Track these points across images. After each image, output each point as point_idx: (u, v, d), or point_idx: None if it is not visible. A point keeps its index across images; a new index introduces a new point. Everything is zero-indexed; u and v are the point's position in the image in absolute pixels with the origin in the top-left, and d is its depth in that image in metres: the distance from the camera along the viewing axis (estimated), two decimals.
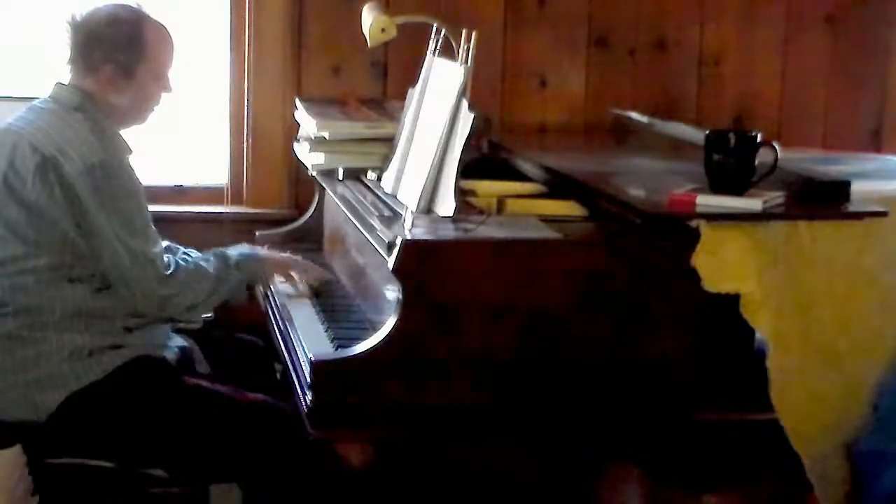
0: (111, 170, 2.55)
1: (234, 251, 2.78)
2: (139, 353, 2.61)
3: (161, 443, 2.57)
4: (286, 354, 2.56)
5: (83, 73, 2.67)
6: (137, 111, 2.72)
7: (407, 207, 2.55)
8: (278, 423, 2.55)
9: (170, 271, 2.61)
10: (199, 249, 2.86)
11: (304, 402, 2.29)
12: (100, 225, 2.54)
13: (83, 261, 2.58)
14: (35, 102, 2.70)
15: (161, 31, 2.71)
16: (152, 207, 2.71)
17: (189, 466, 2.60)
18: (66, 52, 2.68)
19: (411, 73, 2.93)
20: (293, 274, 2.88)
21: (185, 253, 2.91)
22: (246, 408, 2.58)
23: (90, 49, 2.65)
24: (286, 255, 2.94)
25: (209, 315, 2.83)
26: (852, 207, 2.47)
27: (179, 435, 2.56)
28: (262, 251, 2.90)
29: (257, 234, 3.32)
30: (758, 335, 2.38)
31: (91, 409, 2.54)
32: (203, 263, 2.69)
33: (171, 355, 2.70)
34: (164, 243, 2.91)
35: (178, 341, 2.77)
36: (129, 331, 2.62)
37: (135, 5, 2.69)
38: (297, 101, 3.34)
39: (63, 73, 2.70)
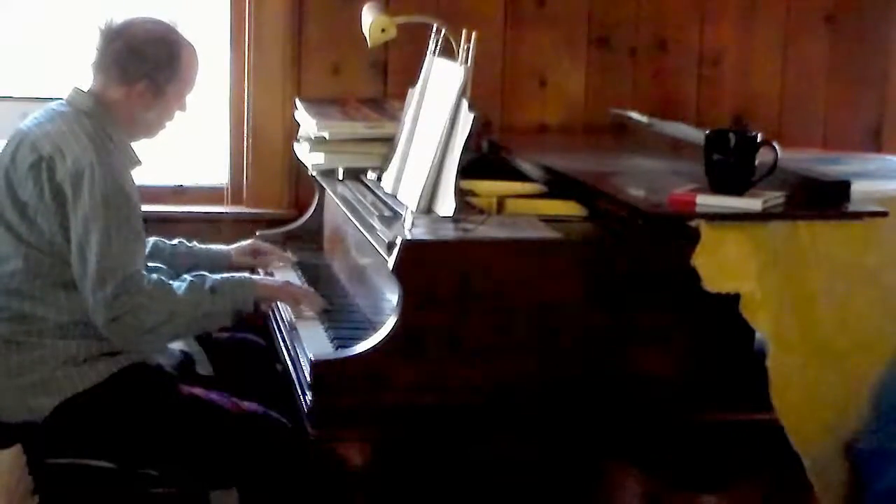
0: (99, 175, 2.50)
1: (218, 276, 2.62)
2: (134, 361, 2.59)
3: (154, 451, 2.56)
4: (286, 354, 2.56)
5: (114, 82, 2.64)
6: (156, 127, 2.72)
7: (407, 207, 2.55)
8: (272, 433, 2.55)
9: (129, 291, 2.47)
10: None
11: (304, 403, 2.29)
12: (73, 227, 2.51)
13: (70, 267, 2.53)
14: (50, 104, 2.68)
15: (194, 54, 2.72)
16: (153, 208, 2.70)
17: (184, 475, 2.59)
18: (94, 56, 2.65)
19: (411, 73, 2.93)
20: (285, 303, 2.72)
21: (173, 245, 2.93)
22: (239, 417, 2.57)
23: (128, 62, 2.63)
24: (281, 281, 2.79)
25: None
26: (852, 207, 2.47)
27: (172, 444, 2.55)
28: (256, 277, 2.75)
29: (257, 233, 3.32)
30: (758, 335, 2.38)
31: (85, 415, 2.53)
32: (173, 286, 2.55)
33: (170, 360, 2.70)
34: (152, 238, 2.91)
35: (179, 344, 2.76)
36: None
37: (172, 24, 2.69)
38: (297, 101, 3.34)
39: (84, 76, 2.67)
